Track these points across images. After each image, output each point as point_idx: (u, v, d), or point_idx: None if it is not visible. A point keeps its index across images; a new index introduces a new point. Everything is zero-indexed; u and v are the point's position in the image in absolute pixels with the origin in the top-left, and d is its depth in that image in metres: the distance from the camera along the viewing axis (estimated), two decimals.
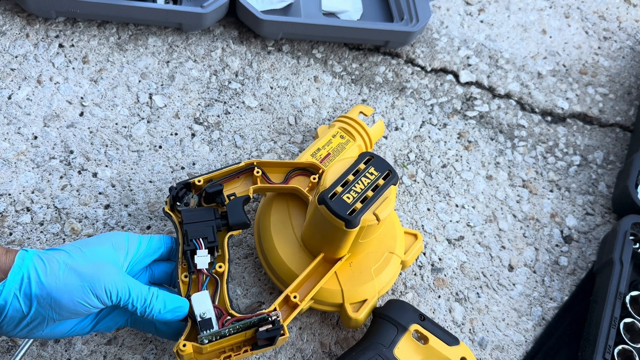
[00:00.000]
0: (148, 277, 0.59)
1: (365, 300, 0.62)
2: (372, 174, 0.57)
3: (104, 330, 0.56)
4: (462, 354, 0.61)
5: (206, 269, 0.56)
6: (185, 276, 0.56)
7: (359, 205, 0.54)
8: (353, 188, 0.55)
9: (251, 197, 0.63)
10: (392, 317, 0.61)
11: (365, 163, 0.57)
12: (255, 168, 0.64)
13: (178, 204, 0.61)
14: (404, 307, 0.63)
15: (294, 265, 0.61)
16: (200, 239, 0.57)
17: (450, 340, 0.61)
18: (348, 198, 0.55)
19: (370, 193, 0.55)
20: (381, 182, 0.56)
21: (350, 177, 0.56)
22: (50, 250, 0.52)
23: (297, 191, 0.65)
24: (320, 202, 0.54)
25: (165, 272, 0.60)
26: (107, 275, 0.51)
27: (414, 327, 0.61)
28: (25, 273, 0.50)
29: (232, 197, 0.61)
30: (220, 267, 0.56)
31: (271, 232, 0.64)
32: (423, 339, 0.62)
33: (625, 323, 0.66)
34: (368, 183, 0.56)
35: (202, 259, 0.56)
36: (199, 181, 0.61)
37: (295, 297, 0.57)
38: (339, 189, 0.55)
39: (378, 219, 0.55)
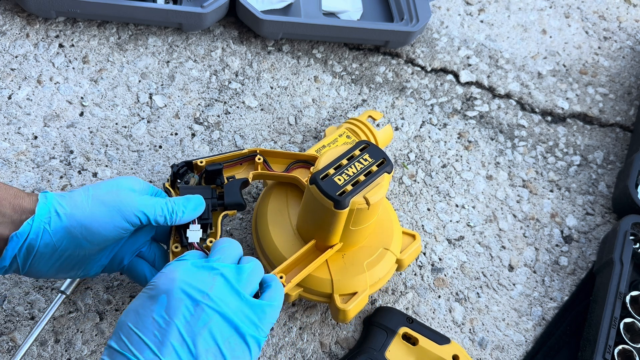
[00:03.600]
0: (152, 231, 0.61)
1: (355, 293, 0.62)
2: (366, 160, 0.57)
3: (110, 269, 0.59)
4: (454, 351, 0.63)
5: (197, 243, 0.57)
6: (176, 247, 0.57)
7: (349, 187, 0.55)
8: (345, 171, 0.56)
9: (250, 181, 0.63)
10: (380, 322, 0.65)
11: (360, 150, 0.58)
12: (258, 155, 0.65)
13: (178, 181, 0.62)
14: (391, 312, 0.66)
15: (287, 252, 0.62)
16: None
17: (441, 339, 0.64)
18: (339, 180, 0.55)
19: (362, 177, 0.56)
20: (374, 168, 0.57)
21: (344, 162, 0.57)
22: (67, 192, 0.54)
23: (297, 181, 0.65)
24: (311, 182, 0.55)
25: (166, 230, 0.61)
26: (129, 198, 0.54)
27: (403, 330, 0.64)
28: (51, 208, 0.51)
29: (230, 179, 0.63)
30: (211, 242, 0.58)
31: (267, 218, 0.64)
32: (413, 341, 0.64)
33: (625, 323, 0.66)
34: (361, 168, 0.57)
35: (194, 233, 0.57)
36: (201, 162, 0.63)
37: (281, 277, 0.58)
38: (332, 171, 0.56)
39: (368, 203, 0.55)
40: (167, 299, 0.45)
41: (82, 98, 0.78)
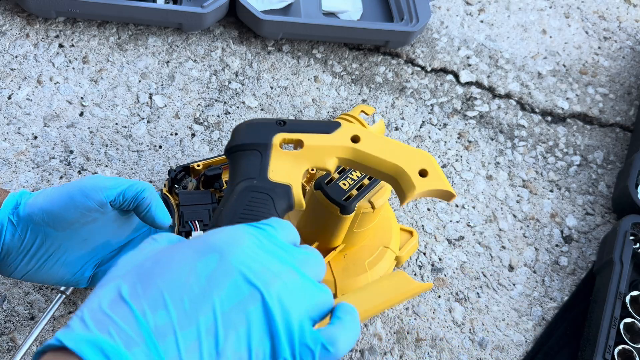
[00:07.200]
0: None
1: None
2: None
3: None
4: (351, 133, 0.50)
5: None
6: None
7: (354, 192, 0.55)
8: (350, 176, 0.56)
9: None
10: (244, 143, 0.49)
11: None
12: None
13: (176, 186, 0.61)
14: (252, 125, 0.50)
15: None
16: (196, 221, 0.57)
17: (329, 127, 0.50)
18: (344, 185, 0.55)
19: (366, 181, 0.56)
20: None
21: None
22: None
23: None
24: (316, 187, 0.55)
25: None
26: (95, 179, 0.52)
27: (278, 137, 0.48)
28: (18, 199, 0.51)
29: None
30: None
31: None
32: (295, 144, 0.50)
33: (625, 323, 0.66)
34: None
35: None
36: (198, 166, 0.62)
37: None
38: (336, 175, 0.56)
39: (373, 207, 0.55)
40: (218, 263, 0.33)
41: (82, 98, 0.78)
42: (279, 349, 0.33)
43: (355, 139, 0.50)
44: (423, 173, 0.49)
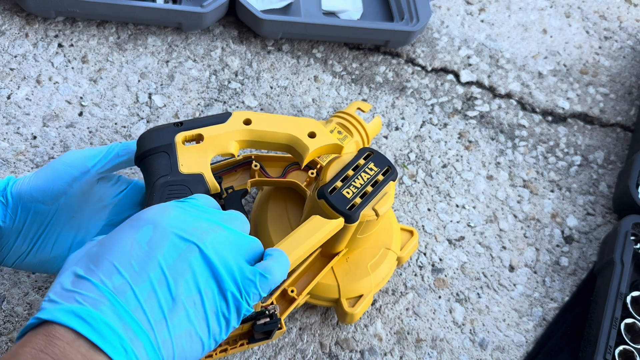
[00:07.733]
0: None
1: (361, 296, 0.62)
2: (371, 169, 0.57)
3: None
4: (243, 117, 0.57)
5: None
6: None
7: (358, 200, 0.55)
8: (353, 183, 0.56)
9: (249, 191, 0.63)
10: (150, 148, 0.54)
11: (364, 159, 0.58)
12: (254, 162, 0.64)
13: None
14: (153, 131, 0.56)
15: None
16: None
17: (221, 118, 0.57)
18: (348, 193, 0.55)
19: (369, 188, 0.56)
20: (380, 177, 0.57)
21: (350, 172, 0.56)
22: None
23: (295, 185, 0.65)
24: (320, 196, 0.55)
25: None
26: (75, 151, 0.55)
27: (179, 136, 0.55)
28: (6, 182, 0.53)
29: (230, 191, 0.61)
30: None
31: (268, 226, 0.64)
32: (197, 139, 0.56)
33: (626, 323, 0.66)
34: (367, 178, 0.56)
35: None
36: None
37: (292, 291, 0.58)
38: (339, 183, 0.55)
39: (377, 215, 0.55)
40: (154, 231, 0.40)
41: (81, 98, 0.78)
42: (224, 286, 0.40)
43: (247, 122, 0.56)
44: (312, 135, 0.58)
